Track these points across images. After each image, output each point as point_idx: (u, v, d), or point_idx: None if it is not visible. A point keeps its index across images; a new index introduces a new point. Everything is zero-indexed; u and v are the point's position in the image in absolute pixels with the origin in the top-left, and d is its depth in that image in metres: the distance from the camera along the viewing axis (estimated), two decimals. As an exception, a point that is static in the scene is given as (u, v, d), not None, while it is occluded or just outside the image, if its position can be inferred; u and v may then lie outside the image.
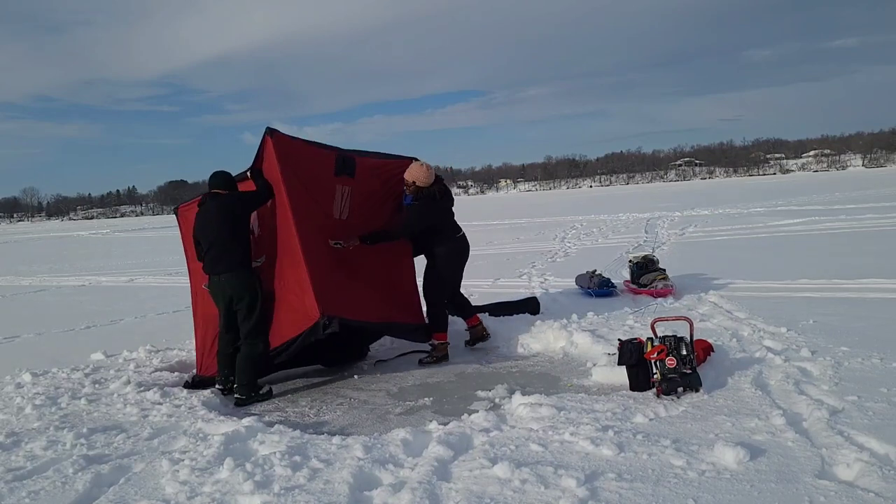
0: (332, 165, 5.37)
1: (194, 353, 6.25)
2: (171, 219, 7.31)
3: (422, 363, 5.75)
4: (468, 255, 6.01)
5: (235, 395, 4.99)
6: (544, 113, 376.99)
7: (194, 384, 5.38)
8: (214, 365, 5.30)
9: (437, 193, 5.69)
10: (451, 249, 5.85)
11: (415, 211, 5.68)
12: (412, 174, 5.63)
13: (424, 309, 5.83)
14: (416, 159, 5.79)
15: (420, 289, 5.88)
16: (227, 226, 4.98)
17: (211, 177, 5.21)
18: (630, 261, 8.53)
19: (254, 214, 5.27)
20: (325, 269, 5.07)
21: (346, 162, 5.43)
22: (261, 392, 5.06)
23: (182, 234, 5.90)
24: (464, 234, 5.99)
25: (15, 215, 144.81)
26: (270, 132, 5.09)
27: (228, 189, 5.16)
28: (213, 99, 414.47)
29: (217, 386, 5.23)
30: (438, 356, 5.77)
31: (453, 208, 5.95)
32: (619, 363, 4.45)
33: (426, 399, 4.80)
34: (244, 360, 4.99)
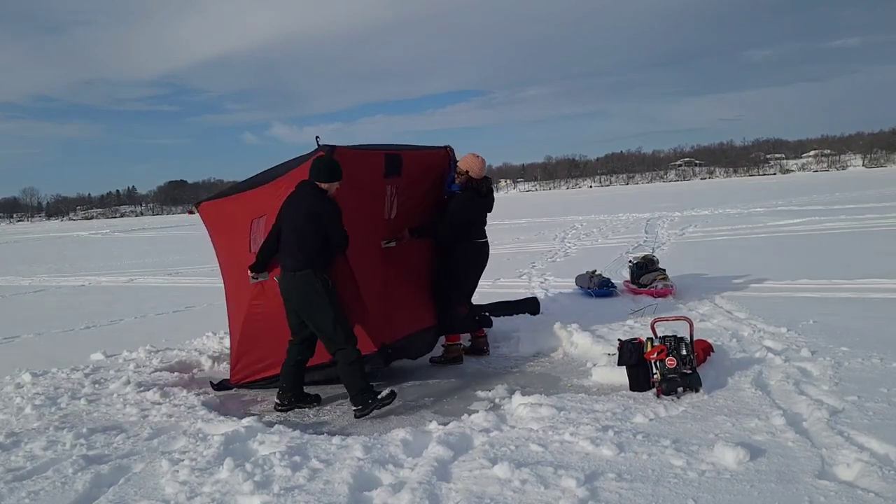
0: (381, 167, 5.22)
1: (195, 354, 6.27)
2: (172, 219, 7.28)
3: (433, 362, 5.71)
4: (486, 264, 5.85)
5: (353, 410, 4.48)
6: (544, 113, 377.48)
7: (220, 387, 5.23)
8: (249, 374, 5.14)
9: (485, 189, 5.67)
10: (472, 253, 5.67)
11: (458, 202, 5.55)
12: (467, 164, 5.57)
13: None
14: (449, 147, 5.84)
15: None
16: (309, 224, 4.44)
17: (317, 162, 4.52)
18: (630, 261, 8.54)
19: (260, 222, 4.91)
20: (375, 292, 4.99)
21: (393, 161, 5.31)
22: (379, 397, 4.44)
23: (211, 232, 5.44)
24: (487, 241, 5.82)
25: (15, 215, 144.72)
26: (329, 150, 4.63)
27: (329, 182, 4.52)
28: (213, 99, 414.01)
29: (276, 400, 4.79)
30: (451, 357, 5.69)
31: (489, 214, 5.81)
32: (619, 363, 4.45)
33: (426, 399, 4.81)
34: (343, 371, 4.52)
